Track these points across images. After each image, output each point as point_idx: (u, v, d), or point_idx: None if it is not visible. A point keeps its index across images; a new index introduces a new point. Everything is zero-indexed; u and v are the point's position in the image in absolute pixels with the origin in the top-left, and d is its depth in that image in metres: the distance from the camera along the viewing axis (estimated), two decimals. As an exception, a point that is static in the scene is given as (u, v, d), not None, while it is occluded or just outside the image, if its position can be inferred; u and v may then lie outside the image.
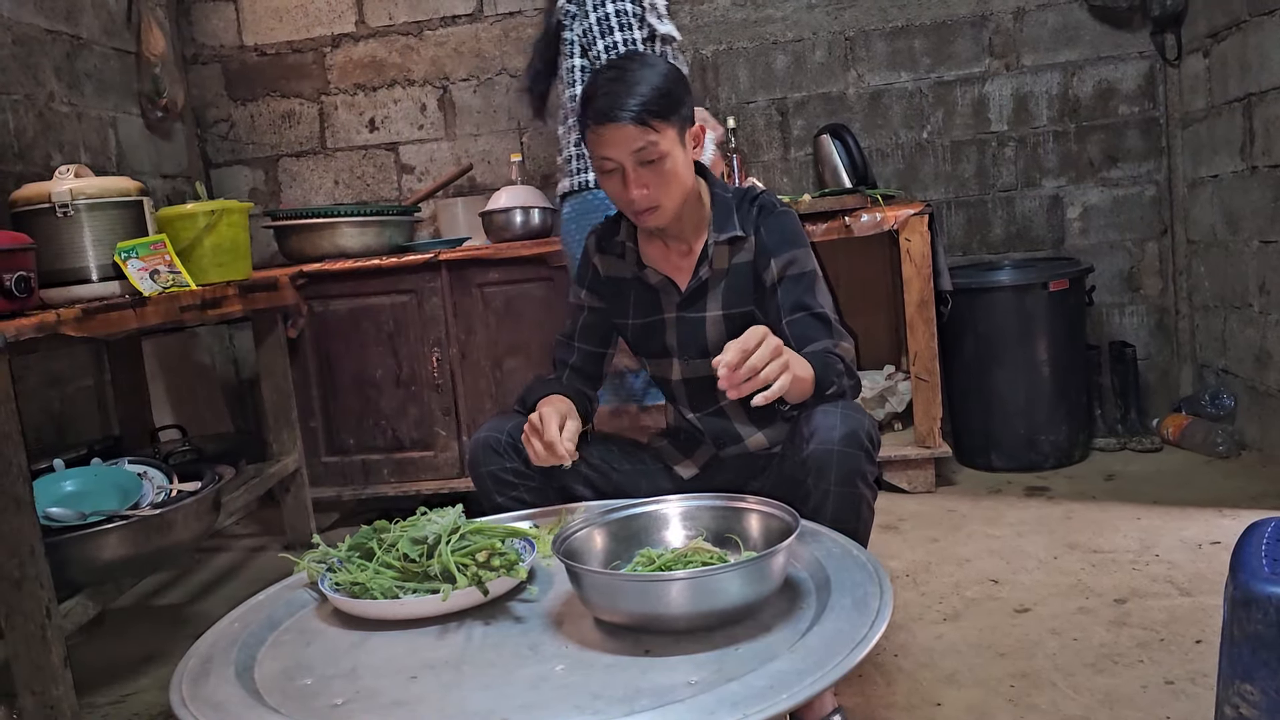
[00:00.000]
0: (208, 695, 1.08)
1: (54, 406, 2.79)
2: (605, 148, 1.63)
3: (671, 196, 1.67)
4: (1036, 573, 2.21)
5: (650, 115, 1.60)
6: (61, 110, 2.93)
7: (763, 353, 1.36)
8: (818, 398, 1.55)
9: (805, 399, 1.55)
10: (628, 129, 1.60)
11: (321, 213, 3.07)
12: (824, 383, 1.55)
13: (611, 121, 1.60)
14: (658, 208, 1.67)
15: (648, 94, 1.61)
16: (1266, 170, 2.75)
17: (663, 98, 1.62)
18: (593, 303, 1.88)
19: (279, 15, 3.62)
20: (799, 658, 1.02)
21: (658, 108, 1.61)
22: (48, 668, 1.71)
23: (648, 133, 1.61)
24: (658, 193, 1.65)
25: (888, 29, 3.38)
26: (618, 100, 1.60)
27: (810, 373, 1.54)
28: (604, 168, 1.66)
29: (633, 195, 1.64)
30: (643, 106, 1.60)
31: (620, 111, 1.59)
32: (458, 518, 1.37)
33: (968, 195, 3.43)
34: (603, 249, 1.86)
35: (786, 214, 1.77)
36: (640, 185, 1.64)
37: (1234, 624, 1.09)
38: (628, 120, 1.60)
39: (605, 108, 1.61)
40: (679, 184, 1.67)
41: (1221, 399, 3.08)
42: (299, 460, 2.90)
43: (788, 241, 1.73)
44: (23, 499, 1.69)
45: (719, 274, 1.76)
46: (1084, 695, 1.66)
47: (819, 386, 1.55)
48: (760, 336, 1.38)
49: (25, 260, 1.93)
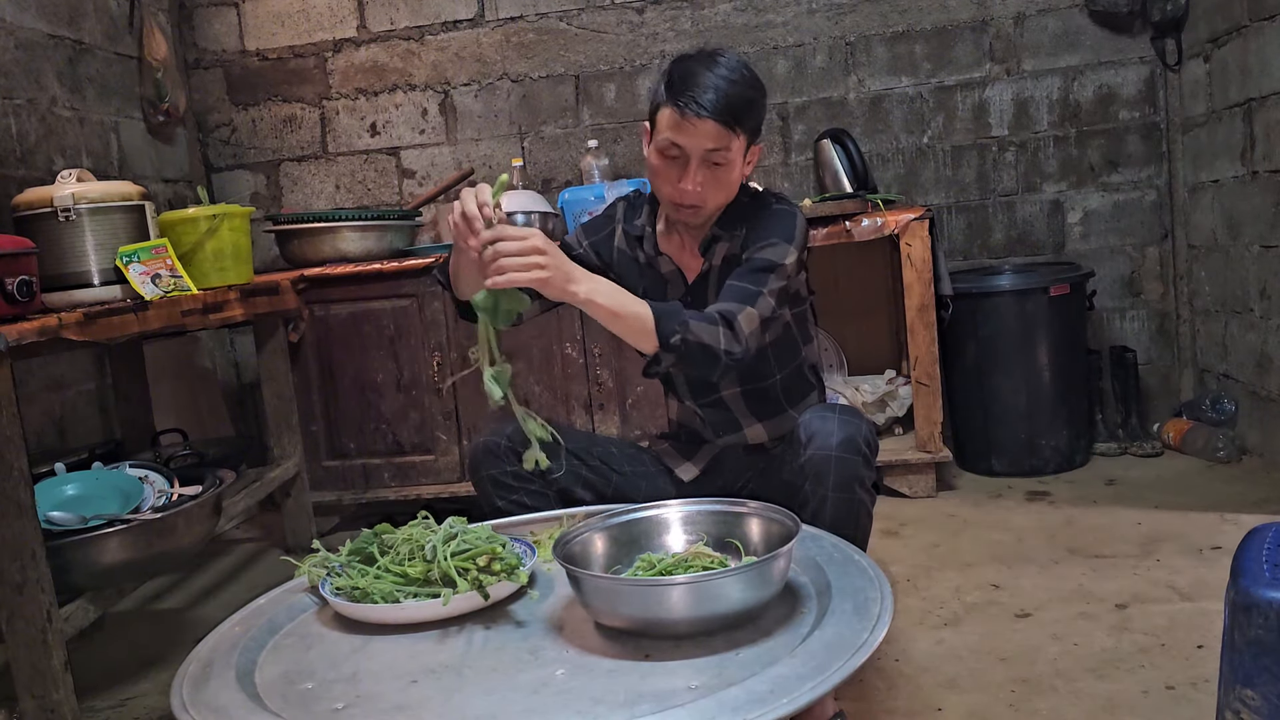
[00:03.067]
0: (208, 699, 1.08)
1: (55, 410, 2.79)
2: (680, 134, 1.61)
3: (716, 201, 1.68)
4: (1037, 578, 2.21)
5: (737, 122, 1.61)
6: (64, 115, 2.93)
7: (509, 245, 1.41)
8: (665, 348, 1.53)
9: (649, 347, 1.54)
10: (712, 126, 1.59)
11: (323, 217, 3.07)
12: (665, 331, 1.53)
13: (703, 115, 1.58)
14: (702, 207, 1.67)
15: (736, 98, 1.60)
16: (1267, 175, 2.75)
17: (748, 105, 1.63)
18: (590, 256, 1.84)
19: (281, 20, 3.62)
20: (799, 662, 1.02)
21: (742, 114, 1.62)
22: (48, 671, 1.71)
23: (728, 137, 1.61)
24: (707, 194, 1.65)
25: (888, 34, 3.39)
26: (718, 97, 1.59)
27: (642, 315, 1.52)
28: (668, 151, 1.64)
29: (687, 187, 1.63)
30: (729, 110, 1.59)
31: (718, 108, 1.58)
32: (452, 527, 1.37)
33: (968, 200, 3.43)
34: (626, 225, 1.85)
35: (781, 211, 1.75)
36: (697, 181, 1.63)
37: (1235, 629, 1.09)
38: (720, 120, 1.59)
39: (699, 98, 1.58)
40: (728, 192, 1.69)
41: (1222, 404, 3.08)
42: (300, 464, 2.90)
43: (767, 233, 1.71)
44: (24, 503, 1.69)
45: (718, 268, 1.77)
46: (1085, 700, 1.66)
47: (660, 336, 1.52)
48: (525, 234, 1.43)
49: (27, 264, 1.93)
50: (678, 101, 1.59)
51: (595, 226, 1.88)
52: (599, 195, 3.02)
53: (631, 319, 1.53)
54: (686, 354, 1.54)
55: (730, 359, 1.56)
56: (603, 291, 1.52)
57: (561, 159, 3.57)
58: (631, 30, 3.48)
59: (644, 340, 1.55)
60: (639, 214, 1.83)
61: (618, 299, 1.53)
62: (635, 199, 1.88)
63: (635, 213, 1.84)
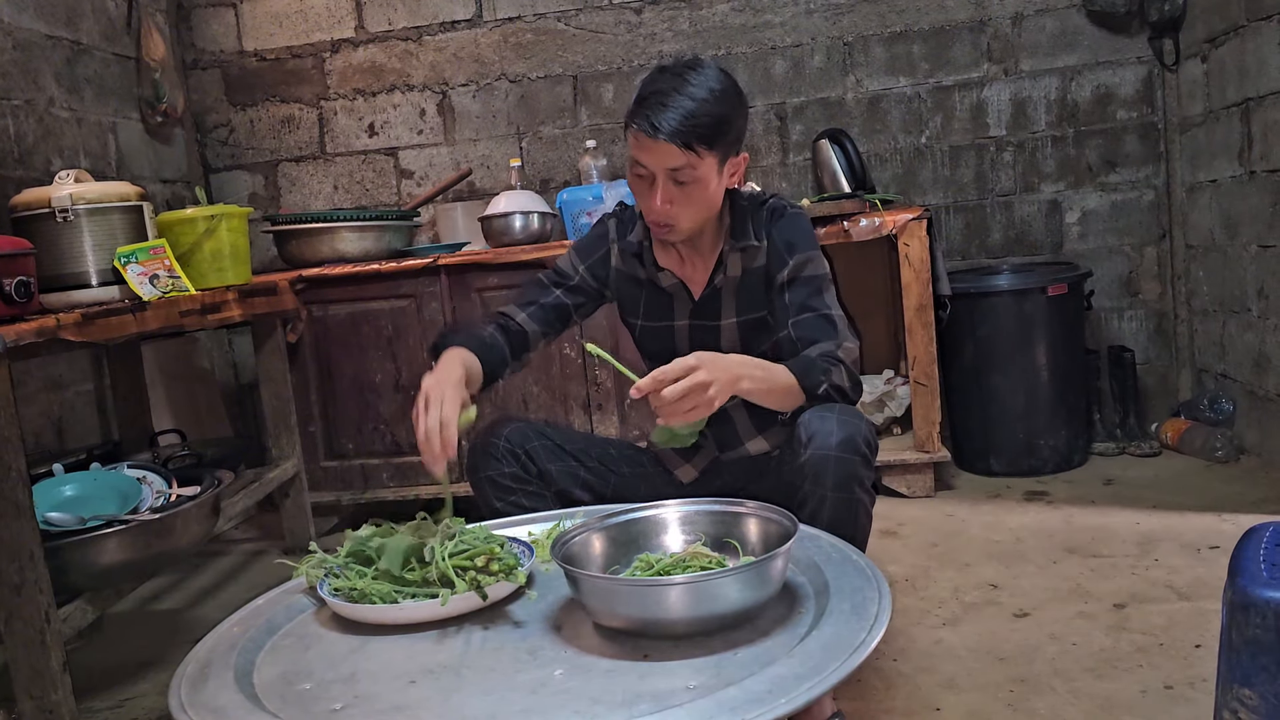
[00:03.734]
0: (207, 700, 1.08)
1: (53, 411, 2.79)
2: (642, 154, 1.60)
3: (692, 219, 1.65)
4: (1036, 577, 2.21)
5: (696, 140, 1.56)
6: (62, 115, 2.93)
7: (677, 388, 1.37)
8: (811, 400, 1.56)
9: (794, 405, 1.57)
10: (670, 148, 1.56)
11: (321, 217, 3.07)
12: (810, 385, 1.56)
13: (655, 136, 1.55)
14: (677, 225, 1.65)
15: (700, 117, 1.55)
16: (1265, 175, 2.75)
17: (714, 124, 1.57)
18: (587, 281, 1.83)
19: (279, 20, 3.62)
20: (797, 662, 1.02)
21: (706, 133, 1.56)
22: (47, 672, 1.71)
23: (688, 155, 1.57)
24: (679, 212, 1.62)
25: (886, 34, 3.39)
26: (670, 117, 1.54)
27: (788, 382, 1.55)
28: (635, 169, 1.63)
29: (655, 205, 1.62)
30: (691, 130, 1.55)
31: (668, 129, 1.54)
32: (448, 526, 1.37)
33: (966, 200, 3.43)
34: (620, 242, 1.84)
35: (799, 216, 1.76)
36: (666, 199, 1.60)
37: (1232, 628, 1.09)
38: (672, 141, 1.55)
39: (654, 119, 1.55)
40: (704, 209, 1.65)
41: (1220, 404, 3.08)
42: (298, 465, 2.90)
43: (800, 244, 1.72)
44: (22, 504, 1.69)
45: (733, 281, 1.75)
46: (1083, 700, 1.66)
47: (806, 391, 1.56)
48: (680, 371, 1.38)
49: (25, 265, 1.93)
50: (635, 121, 1.58)
51: (589, 248, 1.86)
52: (597, 195, 3.02)
53: (783, 393, 1.56)
54: (828, 400, 1.57)
55: (857, 395, 1.62)
56: (759, 377, 1.52)
57: (559, 159, 3.57)
58: (629, 30, 3.48)
59: (792, 402, 1.58)
60: (632, 229, 1.82)
61: (771, 380, 1.54)
62: (624, 214, 1.86)
63: (628, 228, 1.83)
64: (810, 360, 1.59)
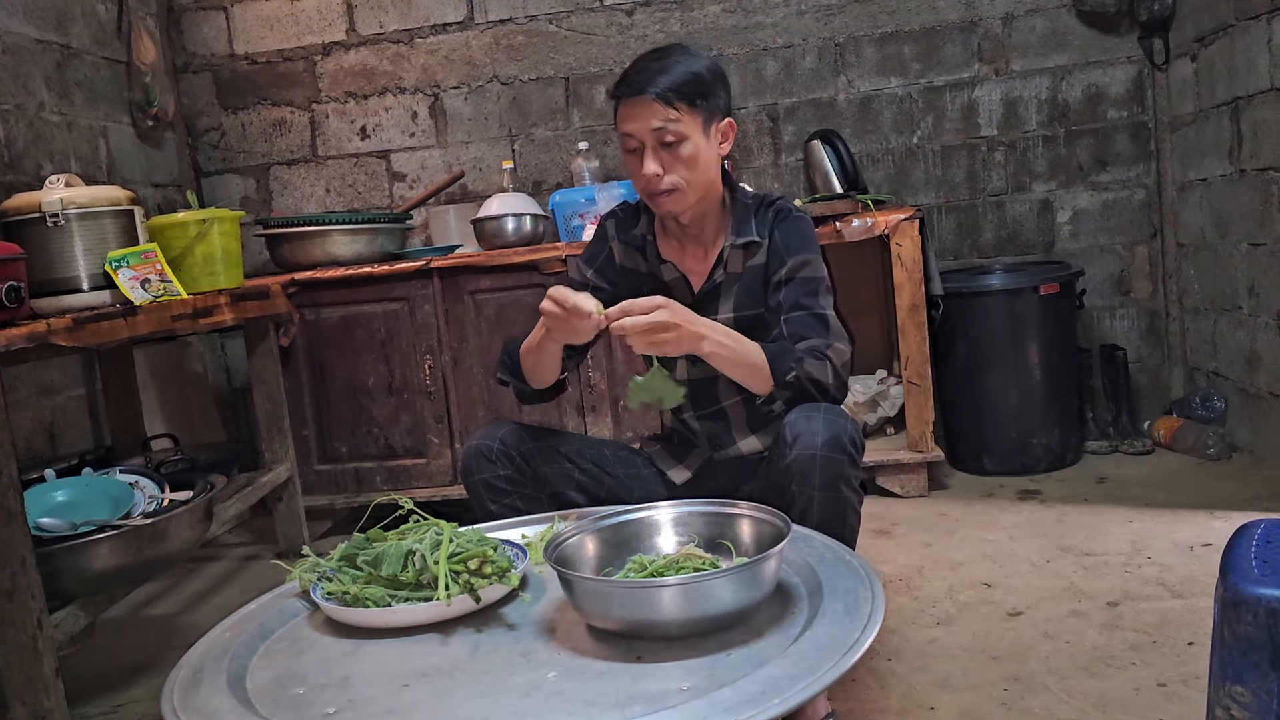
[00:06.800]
0: (200, 705, 1.08)
1: (45, 416, 2.78)
2: (627, 122, 1.65)
3: (691, 183, 1.67)
4: (1029, 576, 2.21)
5: (676, 96, 1.62)
6: (52, 120, 2.92)
7: (640, 320, 1.45)
8: (779, 386, 1.59)
9: (762, 387, 1.61)
10: (651, 105, 1.61)
11: (313, 220, 3.07)
12: (780, 370, 1.58)
13: (635, 95, 1.62)
14: (675, 191, 1.66)
15: (678, 76, 1.62)
16: (1254, 173, 2.76)
17: (693, 82, 1.63)
18: (599, 283, 1.84)
19: (270, 24, 3.62)
20: (791, 663, 1.02)
21: (686, 91, 1.62)
22: (39, 678, 1.71)
23: (669, 112, 1.62)
24: (676, 176, 1.65)
25: (877, 35, 3.40)
26: (647, 76, 1.62)
27: (758, 360, 1.59)
28: (627, 145, 1.67)
29: (647, 171, 1.64)
30: (670, 86, 1.61)
31: (646, 86, 1.61)
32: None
33: (958, 200, 3.44)
34: (622, 236, 1.85)
35: (802, 220, 1.78)
36: (656, 163, 1.64)
37: (1225, 626, 1.09)
38: (651, 96, 1.61)
39: (632, 80, 1.63)
40: (700, 171, 1.67)
41: (1212, 401, 3.09)
42: (291, 468, 2.90)
43: (801, 246, 1.74)
44: (14, 509, 1.68)
45: (733, 277, 1.77)
46: (1077, 698, 1.66)
47: (774, 374, 1.59)
48: (648, 306, 1.47)
49: (16, 270, 1.93)
50: (617, 90, 1.66)
51: (592, 255, 1.88)
52: (589, 197, 3.02)
53: (750, 368, 1.59)
54: (800, 390, 1.59)
55: (840, 394, 1.64)
56: (724, 344, 1.57)
57: (552, 161, 3.57)
58: (621, 32, 3.48)
59: (760, 382, 1.61)
60: (635, 224, 1.84)
61: (738, 351, 1.58)
62: (623, 212, 1.88)
63: (630, 223, 1.85)
64: (787, 348, 1.62)
